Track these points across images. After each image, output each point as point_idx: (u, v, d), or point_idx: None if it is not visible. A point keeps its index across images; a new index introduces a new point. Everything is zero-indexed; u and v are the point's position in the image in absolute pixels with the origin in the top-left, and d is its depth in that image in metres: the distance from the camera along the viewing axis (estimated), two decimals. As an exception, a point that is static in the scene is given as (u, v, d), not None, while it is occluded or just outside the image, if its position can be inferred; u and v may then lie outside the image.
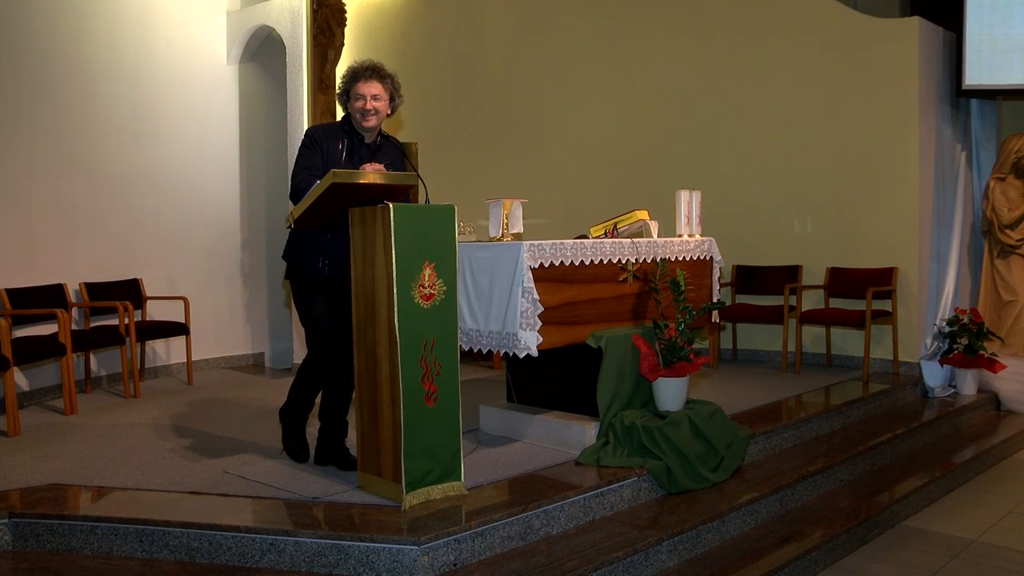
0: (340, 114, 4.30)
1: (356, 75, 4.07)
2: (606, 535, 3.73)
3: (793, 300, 6.67)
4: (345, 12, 7.42)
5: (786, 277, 6.88)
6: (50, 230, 6.60)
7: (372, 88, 4.05)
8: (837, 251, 6.76)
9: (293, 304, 4.34)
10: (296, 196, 3.95)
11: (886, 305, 6.47)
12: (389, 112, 4.15)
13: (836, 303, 6.73)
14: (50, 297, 6.37)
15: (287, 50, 7.49)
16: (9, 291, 6.09)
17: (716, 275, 5.27)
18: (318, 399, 4.39)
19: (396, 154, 4.24)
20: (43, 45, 6.58)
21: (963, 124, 7.11)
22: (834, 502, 4.53)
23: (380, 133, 4.21)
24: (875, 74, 6.54)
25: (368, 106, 4.04)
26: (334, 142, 4.10)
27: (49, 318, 5.95)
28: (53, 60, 6.65)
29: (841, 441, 5.16)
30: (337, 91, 4.20)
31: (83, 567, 3.52)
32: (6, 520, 3.70)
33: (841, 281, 6.70)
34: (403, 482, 3.58)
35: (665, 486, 4.17)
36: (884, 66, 6.50)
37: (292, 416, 4.43)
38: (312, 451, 4.35)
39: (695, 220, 5.20)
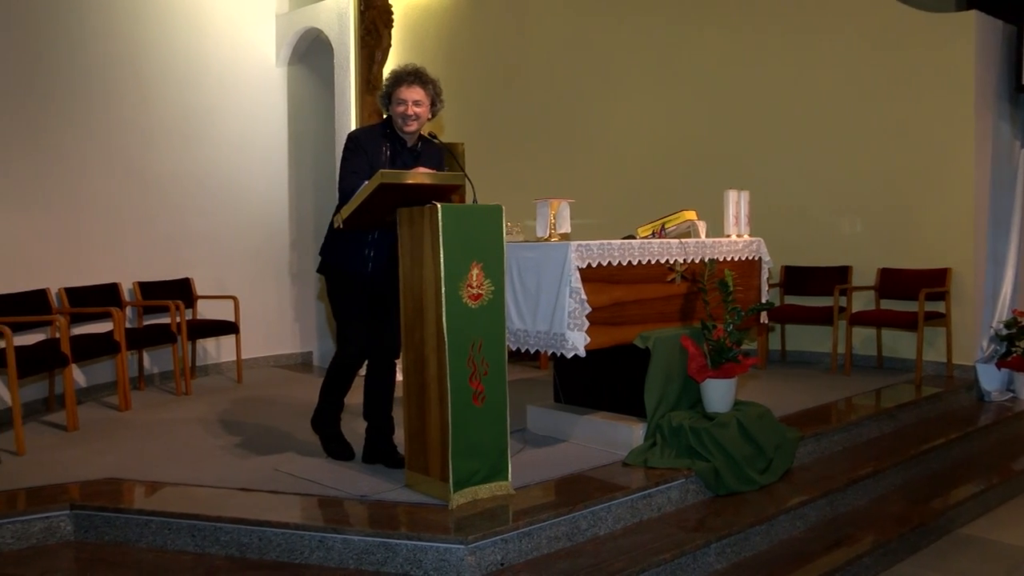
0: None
1: (399, 79, 4.09)
2: (653, 536, 3.71)
3: (843, 301, 6.58)
4: (392, 14, 7.46)
5: (836, 278, 6.79)
6: (105, 230, 6.72)
7: (414, 93, 4.07)
8: (888, 252, 6.65)
9: (327, 298, 4.39)
10: (345, 199, 3.97)
11: (939, 307, 6.35)
12: (430, 116, 4.17)
13: (887, 304, 6.62)
14: (105, 296, 6.50)
15: (334, 52, 7.54)
16: (68, 290, 6.22)
17: (765, 276, 5.23)
18: (347, 399, 4.45)
19: (438, 157, 4.27)
20: (99, 49, 6.71)
21: (1022, 121, 6.94)
22: (885, 507, 4.46)
23: (420, 136, 4.24)
24: (929, 70, 6.42)
25: (410, 111, 4.06)
26: (377, 145, 4.13)
27: (105, 316, 6.07)
28: (108, 64, 6.77)
29: (892, 445, 5.07)
30: (380, 93, 4.22)
31: (139, 559, 3.59)
32: (68, 512, 3.80)
33: (893, 282, 6.60)
34: (450, 481, 3.59)
35: (713, 488, 4.15)
36: (939, 62, 6.37)
37: (325, 421, 4.47)
38: (357, 448, 4.40)
39: (743, 220, 5.16)
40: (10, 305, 5.63)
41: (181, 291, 7.06)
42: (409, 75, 4.08)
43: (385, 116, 4.24)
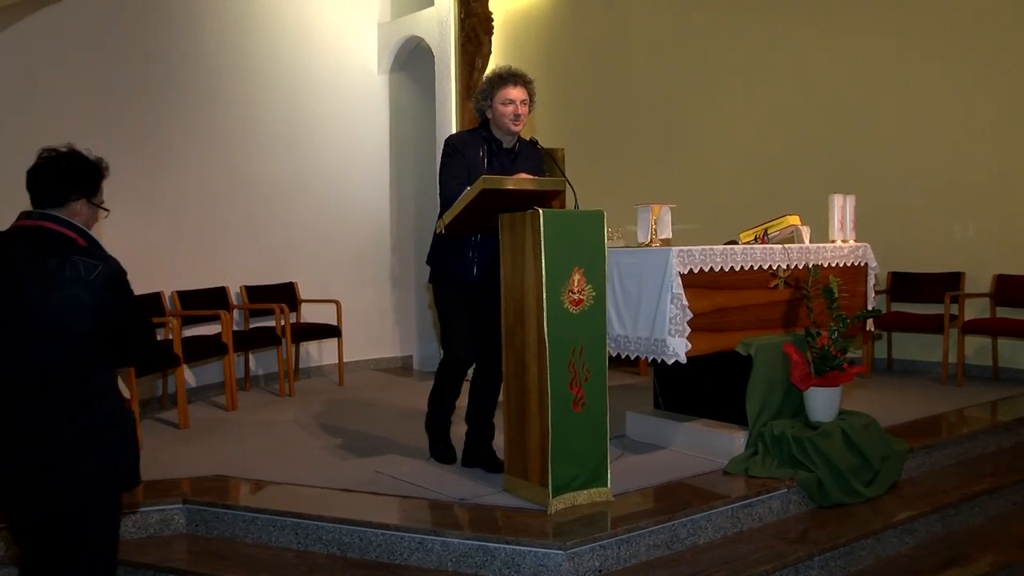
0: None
1: (503, 80, 4.10)
2: (754, 547, 3.65)
3: (954, 309, 6.33)
4: (492, 21, 7.52)
5: (947, 284, 6.53)
6: (214, 235, 6.95)
7: (520, 93, 4.09)
8: (1006, 257, 6.36)
9: (435, 307, 4.44)
10: (447, 205, 4.01)
11: (1063, 315, 6.04)
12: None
13: (1004, 312, 6.33)
14: (214, 299, 6.72)
15: (435, 59, 7.65)
16: (179, 293, 6.46)
17: (871, 282, 5.09)
18: (458, 401, 4.49)
19: (537, 159, 4.28)
20: (209, 62, 6.96)
21: None
22: (1005, 527, 4.24)
23: (518, 137, 4.25)
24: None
25: (519, 111, 4.08)
26: (474, 150, 4.15)
27: (213, 319, 6.28)
28: (218, 76, 7.03)
29: (1012, 461, 4.82)
30: (477, 96, 4.22)
31: (245, 554, 3.71)
32: (180, 506, 3.97)
33: (1010, 289, 6.30)
34: (549, 486, 3.60)
35: (816, 499, 4.04)
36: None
37: (435, 424, 4.52)
38: (459, 453, 4.44)
39: (849, 225, 5.04)
40: (128, 307, 5.87)
41: (285, 295, 7.25)
42: (513, 75, 4.11)
43: (481, 120, 4.26)
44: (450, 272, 4.22)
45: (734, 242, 4.78)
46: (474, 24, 7.38)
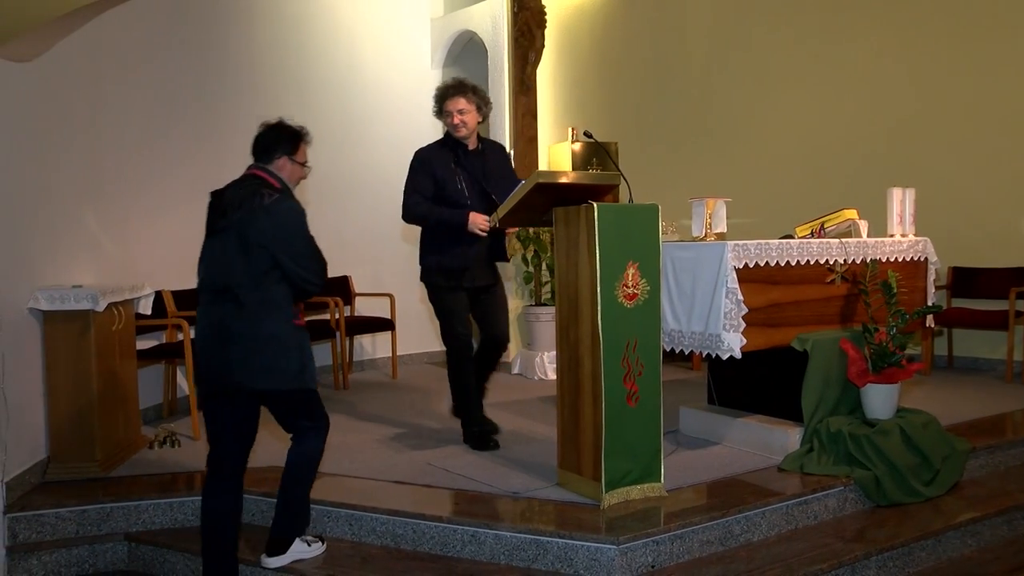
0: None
1: (443, 94, 4.62)
2: (809, 545, 3.61)
3: (1020, 305, 6.16)
4: (545, 15, 7.51)
5: (1012, 279, 6.35)
6: (271, 229, 7.03)
7: (457, 104, 4.56)
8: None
9: (430, 301, 4.91)
10: (407, 215, 4.62)
11: None
12: (480, 119, 4.67)
13: (1072, 309, 6.16)
14: (270, 292, 6.80)
15: (488, 53, 7.66)
16: (235, 286, 6.55)
17: (931, 277, 4.99)
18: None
19: (501, 155, 4.85)
20: (264, 61, 7.05)
21: None
22: (1077, 532, 4.12)
23: (480, 139, 4.73)
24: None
25: (456, 120, 4.58)
26: (442, 157, 4.62)
27: (269, 312, 6.35)
28: (273, 74, 7.11)
29: (1083, 463, 4.68)
30: (434, 110, 4.71)
31: (301, 545, 3.74)
32: (236, 496, 4.00)
33: (1079, 285, 6.12)
34: (603, 481, 3.59)
35: (873, 498, 3.98)
36: None
37: (465, 406, 4.76)
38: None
39: (908, 219, 4.95)
40: (185, 300, 5.98)
41: (340, 288, 7.32)
42: (449, 88, 4.61)
43: (445, 129, 4.72)
44: (443, 266, 4.64)
45: (790, 236, 4.72)
46: (527, 18, 7.39)
